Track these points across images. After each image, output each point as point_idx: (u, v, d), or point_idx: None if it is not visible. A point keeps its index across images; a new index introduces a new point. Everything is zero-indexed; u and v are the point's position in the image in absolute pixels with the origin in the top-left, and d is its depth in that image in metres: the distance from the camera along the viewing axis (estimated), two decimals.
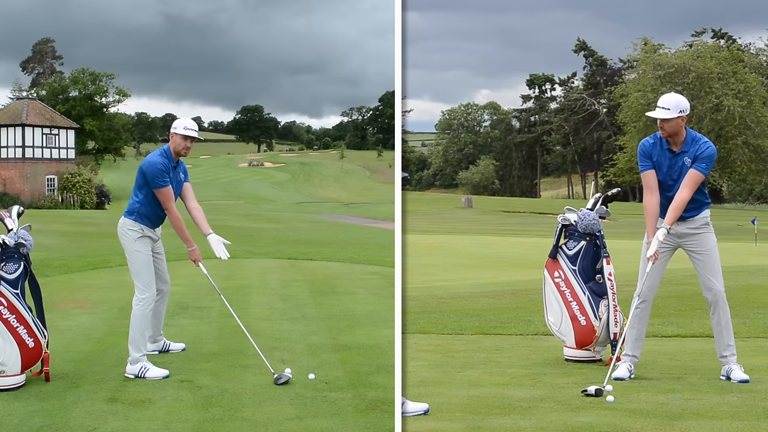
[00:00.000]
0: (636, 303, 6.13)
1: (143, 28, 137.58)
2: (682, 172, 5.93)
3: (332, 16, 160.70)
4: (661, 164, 6.01)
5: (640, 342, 6.16)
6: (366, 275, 12.81)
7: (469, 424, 4.77)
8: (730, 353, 5.99)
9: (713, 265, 6.00)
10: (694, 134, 5.97)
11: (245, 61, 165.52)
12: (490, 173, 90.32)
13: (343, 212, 47.51)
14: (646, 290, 6.09)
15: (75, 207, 47.86)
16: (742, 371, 5.91)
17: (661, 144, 6.02)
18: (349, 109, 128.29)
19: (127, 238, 6.35)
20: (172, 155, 6.42)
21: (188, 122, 6.46)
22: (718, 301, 5.98)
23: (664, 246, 6.02)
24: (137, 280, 6.33)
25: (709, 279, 6.00)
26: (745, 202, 71.85)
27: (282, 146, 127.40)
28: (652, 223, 5.97)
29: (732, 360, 5.99)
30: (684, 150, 5.95)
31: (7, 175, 49.14)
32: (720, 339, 6.04)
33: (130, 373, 6.09)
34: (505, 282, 12.90)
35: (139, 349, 6.15)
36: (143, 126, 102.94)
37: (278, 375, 5.85)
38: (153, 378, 6.01)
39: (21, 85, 78.26)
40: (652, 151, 6.03)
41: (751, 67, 68.41)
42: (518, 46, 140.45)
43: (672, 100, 5.89)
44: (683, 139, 5.96)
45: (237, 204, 58.99)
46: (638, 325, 6.15)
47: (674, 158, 5.97)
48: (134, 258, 6.34)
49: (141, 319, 6.24)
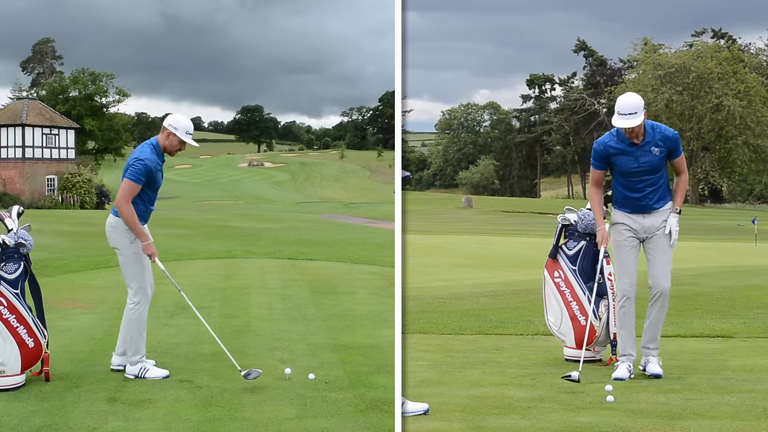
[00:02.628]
0: (619, 302, 6.19)
1: (141, 27, 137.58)
2: (650, 161, 5.99)
3: (329, 15, 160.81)
4: (626, 159, 6.03)
5: (632, 340, 6.20)
6: (366, 275, 12.81)
7: (469, 424, 4.77)
8: (654, 347, 6.10)
9: (666, 259, 6.10)
10: (649, 122, 6.02)
11: (244, 60, 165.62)
12: (490, 173, 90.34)
13: (343, 212, 47.49)
14: (628, 287, 6.15)
15: (75, 207, 47.85)
16: (658, 365, 6.01)
17: (621, 140, 6.05)
18: (349, 109, 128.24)
19: (123, 239, 6.08)
20: (161, 151, 6.17)
21: (190, 126, 6.22)
22: (662, 297, 6.07)
23: (633, 239, 6.12)
24: (132, 283, 6.13)
25: (660, 273, 6.07)
26: (745, 202, 71.85)
27: (282, 146, 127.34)
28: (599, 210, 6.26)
29: (653, 353, 6.09)
30: (647, 140, 6.00)
31: (7, 175, 49.14)
32: (650, 330, 6.13)
33: (131, 374, 6.04)
34: (505, 282, 12.89)
35: (137, 352, 6.08)
36: (143, 126, 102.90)
37: (246, 371, 5.82)
38: (153, 378, 5.98)
39: (21, 85, 78.37)
40: (607, 152, 6.07)
41: (751, 67, 68.49)
42: (517, 46, 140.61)
43: (634, 102, 5.87)
44: (644, 130, 5.99)
45: (237, 204, 58.99)
46: (626, 323, 6.19)
47: (639, 150, 6.00)
48: (130, 260, 6.11)
49: (137, 322, 6.12)
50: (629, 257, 6.13)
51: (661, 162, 6.03)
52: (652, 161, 5.98)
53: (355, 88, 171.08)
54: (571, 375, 5.89)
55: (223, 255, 16.52)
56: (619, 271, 6.20)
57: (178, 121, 6.18)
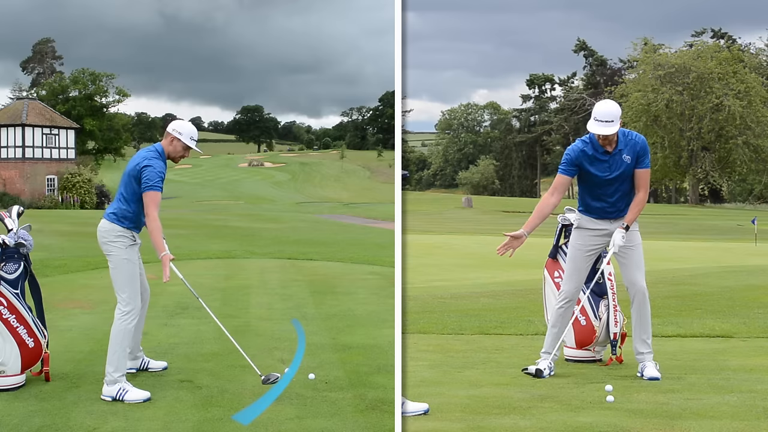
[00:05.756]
0: (561, 303, 6.23)
1: (140, 27, 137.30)
2: (621, 169, 6.00)
3: (329, 15, 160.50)
4: (599, 167, 6.03)
5: (558, 341, 6.25)
6: (366, 275, 12.82)
7: (469, 424, 4.77)
8: (647, 350, 6.09)
9: (639, 262, 6.12)
10: (621, 130, 6.01)
11: (243, 60, 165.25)
12: (490, 173, 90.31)
13: (343, 212, 47.47)
14: (573, 290, 6.20)
15: (75, 207, 47.83)
16: (655, 369, 6.00)
17: (594, 148, 6.03)
18: (349, 109, 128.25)
19: (116, 245, 5.82)
20: (165, 158, 5.93)
21: (195, 132, 6.02)
22: (640, 296, 6.09)
23: (595, 247, 6.14)
24: (122, 292, 5.75)
25: (634, 274, 6.10)
26: (745, 202, 71.82)
27: (282, 146, 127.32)
28: (538, 222, 6.08)
29: (648, 357, 6.08)
30: (620, 148, 6.01)
31: (7, 175, 49.12)
32: (637, 332, 6.15)
33: (107, 396, 5.49)
34: (505, 282, 12.90)
35: (118, 369, 5.56)
36: (143, 126, 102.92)
37: (266, 376, 5.79)
38: (132, 401, 5.41)
39: (21, 85, 78.30)
40: (580, 160, 6.04)
41: (751, 67, 68.45)
42: (516, 46, 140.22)
43: (612, 110, 5.87)
44: (617, 138, 6.00)
45: (237, 204, 58.95)
46: (560, 324, 6.23)
47: (612, 158, 6.01)
48: (122, 267, 5.78)
49: (123, 335, 5.66)
50: (585, 264, 6.20)
51: (632, 169, 6.04)
52: (623, 169, 6.01)
53: (354, 88, 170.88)
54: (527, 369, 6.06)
55: (223, 255, 16.52)
56: (569, 273, 6.24)
57: (182, 126, 5.99)
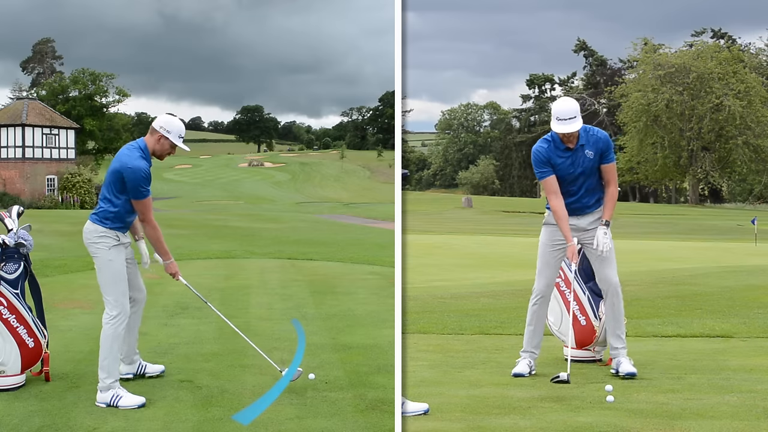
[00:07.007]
0: (534, 300, 6.25)
1: (139, 27, 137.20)
2: (584, 164, 6.04)
3: (328, 15, 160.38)
4: (562, 164, 6.07)
5: (537, 339, 6.25)
6: (366, 275, 12.82)
7: (469, 424, 4.77)
8: (621, 345, 6.11)
9: (610, 258, 6.12)
10: (582, 126, 6.04)
11: (242, 60, 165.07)
12: (490, 173, 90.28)
13: (343, 212, 47.47)
14: (544, 287, 6.23)
15: (75, 207, 47.83)
16: (630, 364, 6.02)
17: (555, 145, 6.07)
18: (348, 109, 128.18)
19: (100, 246, 5.59)
20: (149, 156, 5.64)
21: (183, 129, 5.72)
22: (613, 291, 6.13)
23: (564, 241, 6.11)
24: (108, 295, 5.58)
25: (607, 271, 6.12)
26: (745, 202, 71.81)
27: (282, 146, 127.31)
28: (566, 225, 6.07)
29: (622, 353, 6.09)
30: (581, 143, 6.04)
31: (7, 175, 49.12)
32: (611, 327, 6.18)
33: (101, 402, 5.35)
34: (505, 282, 12.89)
35: (110, 374, 5.41)
36: (143, 126, 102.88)
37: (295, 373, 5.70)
38: (127, 407, 5.29)
39: (21, 85, 78.17)
40: (549, 156, 6.08)
41: (751, 67, 68.43)
42: (516, 47, 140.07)
43: (572, 107, 5.92)
44: (578, 134, 6.02)
45: (237, 204, 58.95)
46: (536, 321, 6.25)
47: (574, 154, 6.04)
48: (107, 268, 5.59)
49: (113, 340, 5.49)
50: (554, 259, 6.22)
51: (596, 164, 6.08)
52: (587, 164, 6.05)
53: (354, 88, 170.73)
54: (559, 376, 5.89)
55: (223, 255, 16.52)
56: (540, 270, 6.26)
57: (170, 123, 5.66)
